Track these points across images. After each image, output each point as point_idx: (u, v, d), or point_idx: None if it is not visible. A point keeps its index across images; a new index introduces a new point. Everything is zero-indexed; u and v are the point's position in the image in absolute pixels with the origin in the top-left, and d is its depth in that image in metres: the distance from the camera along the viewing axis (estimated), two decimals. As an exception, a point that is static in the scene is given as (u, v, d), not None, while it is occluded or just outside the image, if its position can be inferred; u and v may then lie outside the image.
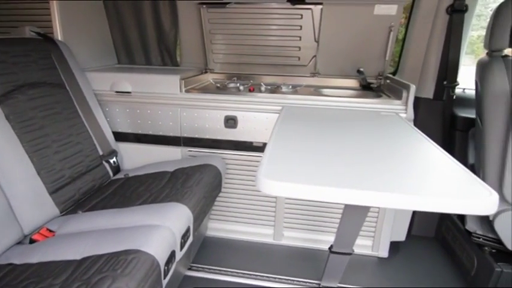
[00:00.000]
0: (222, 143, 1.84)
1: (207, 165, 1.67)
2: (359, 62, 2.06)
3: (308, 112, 1.56)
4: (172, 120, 1.83)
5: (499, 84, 1.34)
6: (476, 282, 1.58)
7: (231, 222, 2.01)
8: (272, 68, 2.17)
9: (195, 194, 1.41)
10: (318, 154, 0.98)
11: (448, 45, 1.80)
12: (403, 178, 0.83)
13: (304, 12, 1.93)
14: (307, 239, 1.93)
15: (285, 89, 1.92)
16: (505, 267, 1.45)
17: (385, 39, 1.95)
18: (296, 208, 1.89)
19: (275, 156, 0.94)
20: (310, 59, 2.09)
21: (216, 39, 2.13)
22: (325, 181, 0.78)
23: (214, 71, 2.25)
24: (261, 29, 2.06)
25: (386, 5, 1.84)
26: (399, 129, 1.28)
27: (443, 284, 1.69)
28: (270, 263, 1.80)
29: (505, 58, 1.40)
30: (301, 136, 1.17)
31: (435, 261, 1.86)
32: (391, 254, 1.89)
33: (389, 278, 1.73)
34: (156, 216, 1.23)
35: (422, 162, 0.96)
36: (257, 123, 1.76)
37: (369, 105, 1.67)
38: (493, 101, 1.37)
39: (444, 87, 1.86)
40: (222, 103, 1.77)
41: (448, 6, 1.75)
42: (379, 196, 0.73)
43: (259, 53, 2.14)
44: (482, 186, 0.77)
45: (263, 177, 0.79)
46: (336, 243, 1.31)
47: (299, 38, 2.02)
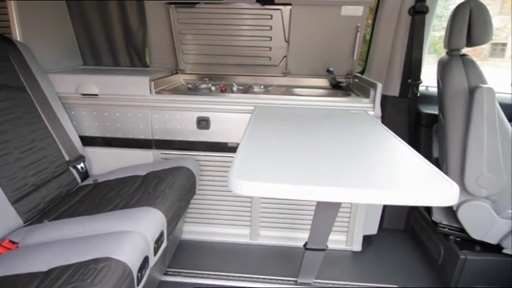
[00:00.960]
0: (195, 144, 1.82)
1: (180, 168, 1.64)
2: (328, 61, 2.10)
3: (280, 111, 1.58)
4: (142, 122, 1.79)
5: (458, 81, 1.42)
6: (444, 269, 1.67)
7: (207, 224, 1.99)
8: (244, 68, 2.17)
9: (168, 197, 1.38)
10: (290, 153, 0.99)
11: (411, 45, 1.88)
12: (371, 174, 0.85)
13: (274, 13, 1.95)
14: (283, 237, 1.95)
15: (257, 89, 1.93)
16: (469, 255, 1.53)
17: (353, 39, 2.01)
18: (272, 207, 1.91)
19: (247, 157, 0.94)
20: (281, 59, 2.11)
21: (186, 40, 2.10)
22: (297, 179, 0.79)
23: (185, 71, 2.22)
24: (232, 29, 2.05)
25: (353, 6, 1.89)
26: (367, 127, 1.32)
27: (413, 273, 1.76)
28: (247, 263, 1.81)
29: (463, 57, 1.48)
30: (274, 135, 1.18)
31: (406, 252, 1.94)
32: (364, 247, 1.95)
33: (363, 270, 1.78)
34: (128, 221, 1.20)
35: (389, 158, 1.00)
36: (230, 124, 1.76)
37: (338, 104, 1.72)
38: (453, 97, 1.44)
39: (409, 85, 1.94)
40: (194, 104, 1.75)
41: (410, 7, 1.83)
42: (349, 192, 0.75)
43: (230, 53, 2.13)
44: (444, 179, 0.81)
45: (235, 177, 0.79)
46: (310, 240, 1.33)
47: (269, 38, 2.04)
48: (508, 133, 1.36)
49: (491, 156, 1.37)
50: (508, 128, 1.37)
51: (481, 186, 1.40)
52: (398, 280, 1.70)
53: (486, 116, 1.33)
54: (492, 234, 1.49)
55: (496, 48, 15.15)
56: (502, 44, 15.05)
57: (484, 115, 1.33)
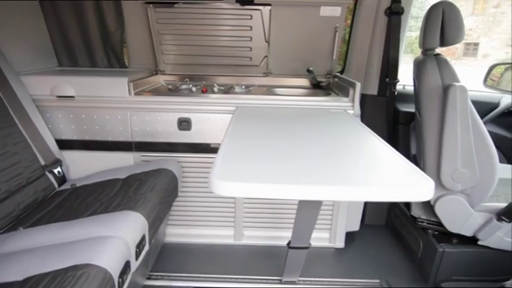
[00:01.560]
0: (176, 146, 1.79)
1: (162, 170, 1.62)
2: (309, 61, 2.13)
3: (261, 111, 1.58)
4: (122, 124, 1.75)
5: (433, 80, 1.47)
6: (423, 262, 1.72)
7: (190, 227, 1.97)
8: (225, 69, 2.17)
9: (149, 200, 1.36)
10: (272, 152, 1.00)
11: (388, 45, 1.93)
12: (351, 171, 0.87)
13: (254, 13, 1.95)
14: (267, 237, 1.96)
15: (238, 89, 1.93)
16: (446, 247, 1.59)
17: (332, 39, 2.04)
18: (255, 207, 1.91)
19: (229, 157, 0.94)
20: (261, 59, 2.12)
21: (166, 40, 2.07)
22: (278, 179, 0.80)
23: (165, 72, 2.19)
24: (212, 30, 2.04)
25: (331, 6, 1.92)
26: (347, 125, 1.35)
27: (395, 267, 1.81)
28: (231, 264, 1.80)
29: (437, 56, 1.53)
30: (255, 135, 1.18)
31: (387, 247, 1.99)
32: (347, 244, 1.98)
33: (346, 266, 1.81)
34: (107, 226, 1.17)
35: (368, 155, 1.02)
36: (212, 125, 1.75)
37: (319, 103, 1.74)
38: (428, 96, 1.49)
39: (387, 84, 1.99)
40: (175, 105, 1.73)
41: (386, 8, 1.87)
42: (330, 190, 0.77)
43: (211, 54, 2.12)
44: (420, 175, 0.84)
45: (216, 178, 0.78)
46: (294, 239, 1.35)
47: (250, 39, 2.04)
48: (480, 130, 1.42)
49: (465, 152, 1.42)
50: (480, 125, 1.42)
51: (456, 181, 1.46)
52: (380, 274, 1.74)
53: (459, 113, 1.38)
54: (468, 227, 1.54)
55: (469, 48, 15.99)
56: (475, 43, 15.91)
57: (457, 112, 1.38)
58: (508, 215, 1.42)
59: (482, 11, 18.19)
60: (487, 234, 1.50)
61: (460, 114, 1.38)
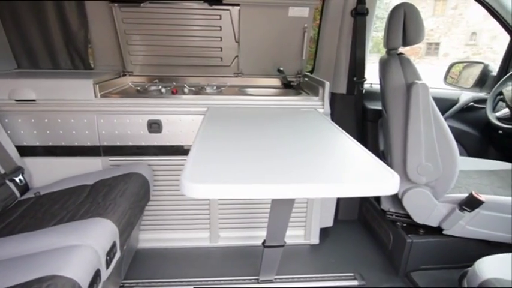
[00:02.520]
0: (147, 149, 1.75)
1: (132, 174, 1.57)
2: (279, 61, 2.15)
3: (233, 112, 1.58)
4: (88, 128, 1.68)
5: (397, 79, 1.53)
6: (394, 254, 1.78)
7: (165, 231, 1.93)
8: (195, 69, 2.14)
9: (119, 206, 1.32)
10: (243, 152, 1.00)
11: (355, 45, 1.99)
12: (321, 169, 0.89)
13: (223, 13, 1.94)
14: (243, 237, 1.96)
15: (209, 89, 1.91)
16: (414, 238, 1.66)
17: (301, 39, 2.07)
18: (230, 208, 1.90)
19: (200, 159, 0.93)
20: (232, 59, 2.11)
21: (133, 40, 2.01)
22: (249, 178, 0.80)
23: (134, 73, 2.13)
24: (181, 30, 2.01)
25: (299, 7, 1.96)
26: (317, 124, 1.37)
27: (367, 259, 1.86)
28: (208, 267, 1.78)
29: (400, 56, 1.59)
30: (227, 136, 1.18)
31: (360, 241, 2.05)
32: (322, 240, 2.02)
33: (321, 262, 1.85)
34: (75, 235, 1.12)
35: (337, 152, 1.05)
36: (183, 126, 1.72)
37: (289, 103, 1.76)
38: (392, 93, 1.55)
39: (355, 83, 2.05)
40: (144, 107, 1.68)
41: (352, 9, 1.93)
42: (300, 188, 0.78)
43: (181, 54, 2.09)
44: (386, 170, 0.87)
45: (187, 181, 0.77)
46: (268, 238, 1.35)
47: (220, 39, 2.03)
48: (442, 125, 1.49)
49: (428, 146, 1.49)
50: (441, 121, 1.50)
51: (421, 174, 1.53)
52: (354, 267, 1.78)
53: (422, 110, 1.44)
54: (433, 218, 1.62)
55: (431, 48, 16.86)
56: (436, 43, 16.76)
57: (420, 109, 1.44)
58: (469, 204, 1.50)
59: (442, 12, 19.22)
60: (451, 223, 1.58)
61: (423, 111, 1.44)
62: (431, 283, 1.61)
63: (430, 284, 1.60)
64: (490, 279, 0.98)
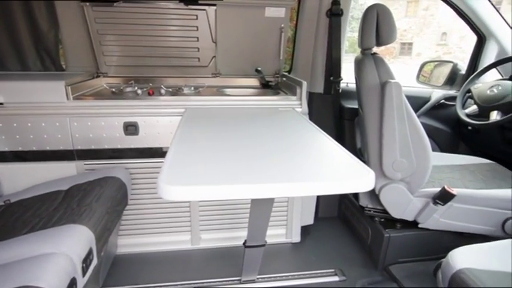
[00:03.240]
0: (124, 152, 1.71)
1: (109, 178, 1.53)
2: (257, 61, 2.15)
3: (211, 112, 1.57)
4: (60, 132, 1.62)
5: (371, 78, 1.57)
6: (372, 248, 1.83)
7: (144, 235, 1.89)
8: (172, 70, 2.11)
9: (95, 211, 1.28)
10: (222, 153, 0.99)
11: (331, 45, 2.02)
12: (299, 168, 0.90)
13: (199, 13, 1.93)
14: (225, 238, 1.95)
15: (186, 90, 1.89)
16: (392, 232, 1.71)
17: (278, 39, 2.08)
18: (211, 209, 1.89)
19: (177, 160, 0.92)
20: (210, 59, 2.10)
21: (107, 41, 1.96)
22: (228, 179, 0.80)
23: (108, 74, 2.07)
24: (157, 30, 1.98)
25: (275, 7, 1.97)
26: (295, 123, 1.39)
27: (348, 255, 1.90)
28: (190, 269, 1.76)
29: (374, 55, 1.63)
30: (205, 137, 1.17)
31: (340, 237, 2.08)
32: (303, 238, 2.04)
33: (303, 260, 1.87)
34: (48, 243, 1.08)
35: (315, 151, 1.06)
36: (160, 128, 1.69)
37: (268, 102, 1.77)
38: (368, 92, 1.59)
39: (331, 82, 2.08)
40: (119, 109, 1.64)
41: (327, 10, 1.96)
42: (278, 187, 0.78)
43: (157, 55, 2.05)
44: (362, 167, 0.89)
45: (164, 183, 0.76)
46: (249, 238, 1.35)
47: (197, 39, 2.01)
48: (415, 122, 1.54)
49: (403, 143, 1.53)
50: (414, 118, 1.55)
51: (396, 170, 1.57)
52: (335, 264, 1.81)
53: (396, 108, 1.49)
54: (409, 212, 1.67)
55: (405, 47, 17.39)
56: (409, 43, 17.32)
57: (393, 107, 1.49)
58: (441, 198, 1.56)
59: (414, 13, 19.88)
60: (426, 217, 1.64)
61: (396, 109, 1.49)
62: (408, 275, 1.66)
63: (407, 276, 1.65)
64: (463, 269, 1.02)
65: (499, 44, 2.10)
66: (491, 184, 1.64)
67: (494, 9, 2.07)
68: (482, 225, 1.63)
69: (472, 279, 0.98)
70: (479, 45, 2.20)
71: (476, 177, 1.72)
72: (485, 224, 1.62)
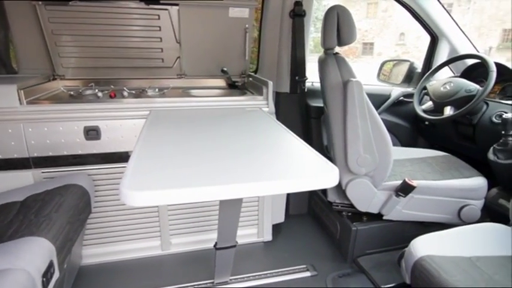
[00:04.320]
0: (85, 158, 1.63)
1: (69, 186, 1.45)
2: (222, 62, 2.14)
3: (177, 114, 1.54)
4: (14, 139, 1.52)
5: (334, 77, 1.61)
6: (341, 242, 1.88)
7: (111, 243, 1.81)
8: (135, 71, 2.05)
9: (54, 222, 1.21)
10: (188, 155, 0.98)
11: (295, 45, 2.06)
12: (266, 167, 0.90)
13: (161, 13, 1.88)
14: (196, 242, 1.92)
15: (151, 92, 1.84)
16: (359, 226, 1.77)
17: (243, 40, 2.09)
18: (180, 213, 1.85)
19: (141, 164, 0.89)
20: (174, 60, 2.06)
21: (63, 41, 1.86)
22: (194, 181, 0.78)
23: (66, 77, 1.97)
24: (118, 30, 1.91)
25: (239, 8, 1.97)
26: (262, 123, 1.40)
27: (318, 250, 1.94)
28: (161, 276, 1.72)
29: (336, 55, 1.68)
30: (171, 139, 1.14)
31: (310, 233, 2.12)
32: (275, 236, 2.06)
33: (275, 258, 1.88)
34: (4, 258, 1.00)
35: (281, 150, 1.07)
36: (124, 131, 1.63)
37: (235, 103, 1.77)
38: (331, 91, 1.63)
39: (297, 82, 2.12)
40: (79, 113, 1.57)
41: (290, 11, 2.00)
42: (244, 187, 0.78)
43: (118, 56, 1.98)
44: (327, 164, 0.91)
45: (126, 189, 0.73)
46: (220, 239, 1.34)
47: (160, 39, 1.96)
48: (376, 119, 1.61)
49: (365, 139, 1.59)
50: (375, 115, 1.61)
51: (361, 166, 1.63)
52: (306, 260, 1.84)
53: (358, 106, 1.54)
54: (374, 205, 1.74)
55: (367, 47, 18.13)
56: (370, 43, 18.08)
57: (356, 105, 1.54)
58: (403, 190, 1.64)
59: (374, 14, 20.75)
60: (389, 209, 1.71)
61: (358, 106, 1.54)
62: (375, 266, 1.73)
63: (374, 267, 1.72)
64: (423, 256, 1.08)
65: (450, 43, 2.25)
66: (447, 175, 1.75)
67: (445, 11, 2.21)
68: (441, 214, 1.73)
69: (432, 265, 1.03)
70: (432, 45, 2.33)
71: (433, 169, 1.82)
72: (443, 213, 1.72)
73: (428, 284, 1.01)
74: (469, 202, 1.69)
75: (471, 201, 1.69)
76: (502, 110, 1.73)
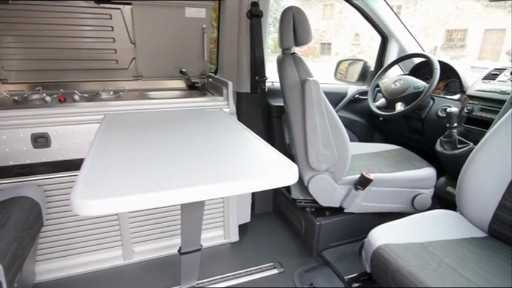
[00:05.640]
0: (34, 167, 1.52)
1: (17, 199, 1.35)
2: (181, 62, 2.10)
3: (134, 118, 1.48)
4: (-51, 150, 1.38)
5: (292, 76, 1.64)
6: (306, 238, 1.92)
7: (68, 257, 1.70)
8: (87, 74, 1.94)
9: (1, 238, 1.11)
10: (145, 160, 0.94)
11: (254, 46, 2.07)
12: (227, 168, 0.90)
13: (113, 12, 1.80)
14: (159, 248, 1.86)
15: (105, 95, 1.75)
16: (322, 220, 1.82)
17: (201, 40, 2.06)
18: (142, 220, 1.79)
19: (95, 171, 0.85)
20: (129, 61, 1.98)
21: (4, 42, 1.72)
22: (152, 187, 0.76)
23: (9, 81, 1.81)
24: (67, 30, 1.80)
25: (196, 8, 1.94)
26: (222, 124, 1.39)
27: (285, 247, 1.96)
28: (124, 287, 1.65)
29: (293, 55, 1.71)
30: (127, 144, 1.10)
31: (277, 231, 2.15)
32: (241, 236, 2.05)
33: (242, 258, 1.88)
34: None
35: (242, 150, 1.07)
36: (77, 137, 1.54)
37: (195, 104, 1.74)
38: (290, 90, 1.67)
39: (257, 82, 2.13)
40: (25, 119, 1.45)
41: (247, 11, 2.00)
42: (205, 189, 0.77)
43: (68, 57, 1.87)
44: (287, 162, 0.93)
45: (78, 198, 0.69)
46: (184, 244, 1.31)
47: (113, 40, 1.88)
48: (333, 116, 1.66)
49: (324, 136, 1.64)
50: (332, 112, 1.67)
51: (321, 162, 1.68)
52: (273, 258, 1.86)
53: (315, 104, 1.58)
54: (335, 199, 1.79)
55: (325, 47, 18.74)
56: (328, 43, 18.71)
57: (313, 103, 1.58)
58: (361, 184, 1.71)
59: (331, 15, 21.50)
60: (350, 202, 1.78)
61: (316, 105, 1.58)
62: (339, 258, 1.79)
63: (338, 259, 1.78)
64: (381, 245, 1.14)
65: (398, 43, 2.39)
66: (400, 167, 1.85)
67: (393, 13, 2.34)
68: (396, 204, 1.83)
69: (389, 253, 1.09)
70: (383, 45, 2.47)
71: (388, 162, 1.92)
72: (398, 203, 1.83)
73: (386, 271, 1.06)
74: (420, 191, 1.80)
75: (423, 191, 1.80)
76: (447, 105, 1.88)
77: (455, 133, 1.67)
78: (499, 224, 1.19)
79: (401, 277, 1.00)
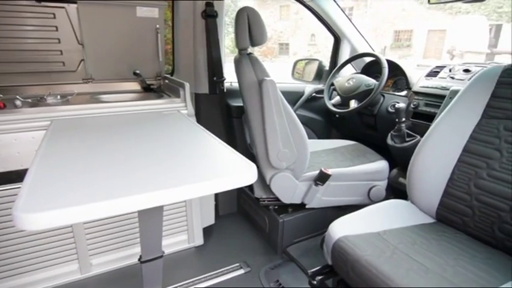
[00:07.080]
0: None
1: (-50, 217, 1.21)
2: (134, 64, 2.02)
3: (85, 123, 1.40)
4: None
5: (249, 77, 1.65)
6: (271, 235, 1.95)
7: (18, 276, 1.56)
8: (30, 77, 1.80)
9: None
10: (97, 168, 0.89)
11: (210, 46, 2.05)
12: (184, 171, 0.88)
13: (57, 11, 1.69)
14: (119, 258, 1.78)
15: (51, 100, 1.64)
16: (285, 217, 1.85)
17: (155, 40, 2.00)
18: (98, 230, 1.69)
19: (39, 183, 0.79)
20: (78, 63, 1.87)
21: None
22: (103, 195, 0.72)
23: None
24: (6, 30, 1.66)
25: (147, 7, 1.88)
26: (180, 126, 1.36)
27: (250, 247, 1.97)
28: None
29: (249, 55, 1.72)
30: (77, 152, 1.03)
31: (242, 231, 2.15)
32: (206, 239, 2.03)
33: (208, 261, 1.86)
34: None
35: (200, 152, 1.06)
36: (21, 146, 1.42)
37: (151, 107, 1.68)
38: (248, 90, 1.67)
39: (215, 82, 2.12)
40: None
41: (202, 11, 1.98)
42: (160, 194, 0.75)
43: (7, 60, 1.72)
44: (245, 162, 0.93)
45: (19, 211, 0.64)
46: (144, 252, 1.27)
47: (58, 41, 1.76)
48: (291, 115, 1.70)
49: (283, 135, 1.67)
50: (290, 111, 1.70)
51: (281, 160, 1.70)
52: (239, 258, 1.86)
53: (273, 103, 1.60)
54: (296, 196, 1.83)
55: (283, 48, 19.13)
56: (286, 44, 19.11)
57: (271, 102, 1.60)
58: (320, 179, 1.77)
59: (287, 16, 21.96)
60: (310, 198, 1.83)
61: (274, 104, 1.61)
62: (303, 253, 1.83)
63: (302, 254, 1.82)
64: (340, 237, 1.18)
65: (350, 43, 2.50)
66: (356, 161, 1.94)
67: (344, 15, 2.44)
68: (354, 197, 1.91)
69: (348, 244, 1.14)
70: (336, 45, 2.56)
71: (345, 157, 2.01)
72: (356, 195, 1.91)
73: (345, 262, 1.11)
74: (375, 183, 1.90)
75: (377, 183, 1.90)
76: (395, 101, 2.00)
77: (404, 127, 1.79)
78: (445, 209, 1.28)
79: (360, 266, 1.05)
